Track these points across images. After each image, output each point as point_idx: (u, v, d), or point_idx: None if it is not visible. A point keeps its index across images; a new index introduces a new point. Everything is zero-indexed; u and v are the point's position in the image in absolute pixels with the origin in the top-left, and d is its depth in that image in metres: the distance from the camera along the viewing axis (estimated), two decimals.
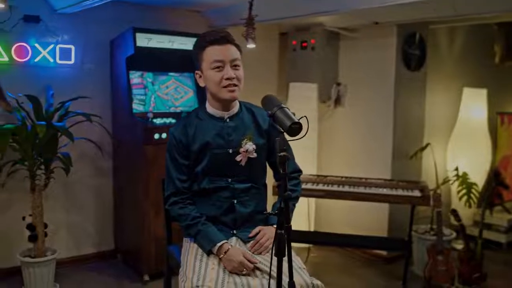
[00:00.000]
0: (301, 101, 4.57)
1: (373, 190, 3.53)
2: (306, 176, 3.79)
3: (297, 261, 2.14)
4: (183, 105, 4.26)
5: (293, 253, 2.19)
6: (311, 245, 4.37)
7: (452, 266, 3.62)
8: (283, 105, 1.88)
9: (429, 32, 4.62)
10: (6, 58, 3.81)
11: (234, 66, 2.16)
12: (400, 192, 3.53)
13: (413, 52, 4.42)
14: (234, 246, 2.13)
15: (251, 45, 3.44)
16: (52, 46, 3.99)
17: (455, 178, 4.69)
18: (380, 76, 4.47)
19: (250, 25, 3.29)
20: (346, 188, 3.58)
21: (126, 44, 3.93)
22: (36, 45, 3.92)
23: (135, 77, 4.07)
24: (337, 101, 4.89)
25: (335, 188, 3.58)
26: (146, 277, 3.88)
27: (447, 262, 3.57)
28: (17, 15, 3.81)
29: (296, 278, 1.85)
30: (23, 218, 3.63)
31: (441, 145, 5.04)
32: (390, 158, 4.40)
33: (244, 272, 2.02)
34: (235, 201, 2.23)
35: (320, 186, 3.61)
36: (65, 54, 4.05)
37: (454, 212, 3.74)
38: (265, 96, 2.03)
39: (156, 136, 3.79)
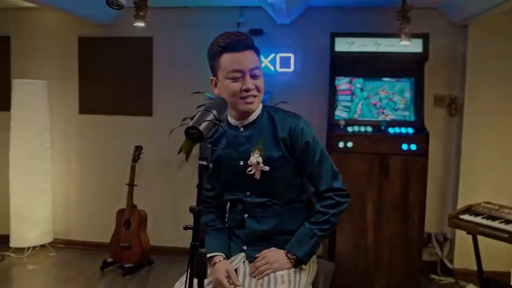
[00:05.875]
0: None
1: None
2: (487, 206, 2.93)
3: None
4: (395, 113, 3.89)
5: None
6: None
7: None
8: (211, 110, 1.61)
9: None
10: None
11: (253, 76, 1.90)
12: None
13: None
14: (224, 261, 1.92)
15: (405, 42, 2.88)
16: (273, 55, 4.31)
17: None
18: None
19: (404, 18, 2.75)
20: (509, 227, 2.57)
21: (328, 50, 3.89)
22: None
23: (342, 83, 3.97)
24: None
25: (494, 224, 2.64)
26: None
27: None
28: (243, 29, 4.28)
29: None
30: None
31: None
32: None
33: None
34: (246, 216, 2.00)
35: (484, 221, 2.72)
36: (285, 62, 4.30)
37: None
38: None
39: (341, 144, 3.62)
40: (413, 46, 3.72)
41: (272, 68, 4.33)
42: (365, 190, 3.64)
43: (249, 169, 1.95)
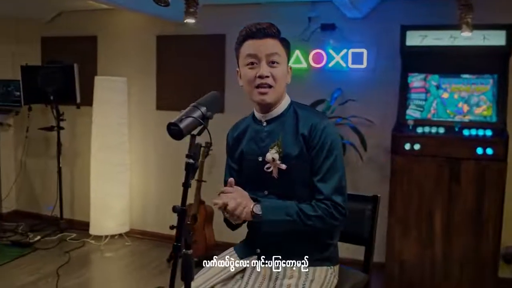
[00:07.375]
0: None
1: None
2: None
3: None
4: (474, 113, 3.52)
5: None
6: None
7: None
8: (199, 107, 1.56)
9: None
10: (305, 65, 4.23)
11: (271, 63, 1.81)
12: None
13: None
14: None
15: (466, 33, 2.54)
16: (344, 51, 4.11)
17: None
18: None
19: (465, 6, 2.42)
20: None
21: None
22: (331, 51, 4.14)
23: (416, 80, 3.68)
24: None
25: None
26: None
27: None
28: (315, 25, 4.15)
29: None
30: None
31: None
32: None
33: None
34: None
35: None
36: (357, 58, 4.09)
37: None
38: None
39: (407, 146, 3.35)
40: (496, 38, 3.35)
41: (344, 65, 4.14)
42: (433, 198, 3.35)
43: (266, 166, 1.87)
